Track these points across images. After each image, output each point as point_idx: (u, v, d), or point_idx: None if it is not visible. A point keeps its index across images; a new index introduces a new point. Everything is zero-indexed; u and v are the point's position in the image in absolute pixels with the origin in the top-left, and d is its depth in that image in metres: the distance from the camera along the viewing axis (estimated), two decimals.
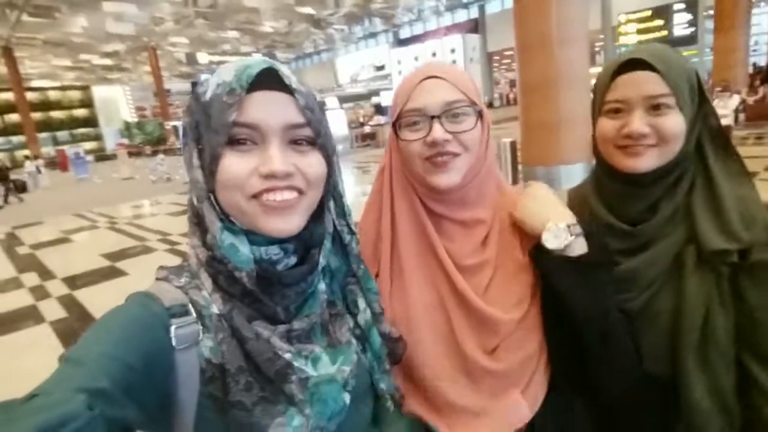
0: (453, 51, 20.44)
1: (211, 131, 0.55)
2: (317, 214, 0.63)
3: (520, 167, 7.73)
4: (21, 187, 16.22)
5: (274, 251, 0.58)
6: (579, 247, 0.73)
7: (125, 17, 21.04)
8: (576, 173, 7.03)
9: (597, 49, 34.75)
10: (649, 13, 25.65)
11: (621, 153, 0.81)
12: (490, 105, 27.51)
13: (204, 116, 0.56)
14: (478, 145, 0.75)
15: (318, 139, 0.60)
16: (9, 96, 29.83)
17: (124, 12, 20.57)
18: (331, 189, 0.65)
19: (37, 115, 32.40)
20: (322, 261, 0.62)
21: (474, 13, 32.17)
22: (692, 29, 24.05)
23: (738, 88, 11.70)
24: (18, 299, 4.99)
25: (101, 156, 33.86)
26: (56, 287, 5.28)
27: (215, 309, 0.56)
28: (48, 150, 31.99)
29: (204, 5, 21.29)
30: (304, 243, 0.62)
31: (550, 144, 6.95)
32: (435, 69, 0.75)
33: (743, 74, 14.08)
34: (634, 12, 26.22)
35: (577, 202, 0.90)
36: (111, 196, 12.74)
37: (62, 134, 38.56)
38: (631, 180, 0.82)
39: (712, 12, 14.61)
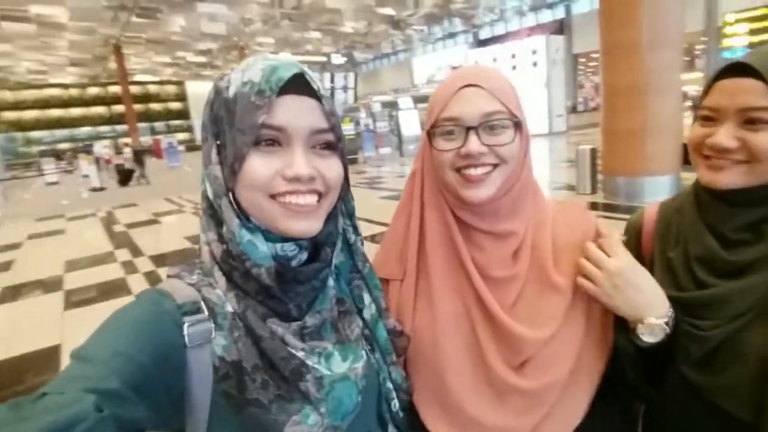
0: (534, 52, 19.67)
1: (236, 130, 0.55)
2: (331, 214, 0.64)
3: (599, 176, 7.32)
4: (126, 173, 17.97)
5: (290, 248, 0.59)
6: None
7: (218, 17, 22.53)
8: (663, 186, 6.53)
9: (698, 52, 31.93)
10: (766, 11, 23.09)
11: (704, 164, 0.76)
12: (573, 109, 26.25)
13: (227, 113, 0.56)
14: (516, 158, 0.72)
15: (339, 144, 0.61)
16: (116, 89, 33.17)
17: (217, 12, 22.03)
18: (343, 191, 0.66)
19: (137, 107, 35.59)
20: (334, 260, 0.64)
21: (560, 13, 30.83)
22: None
23: None
24: (112, 272, 5.54)
25: (192, 146, 36.52)
26: (144, 264, 5.81)
27: (229, 307, 0.56)
28: (146, 139, 35.11)
29: (289, 6, 22.26)
30: (316, 239, 0.63)
31: (634, 153, 6.52)
32: (475, 76, 0.71)
33: None
34: (747, 10, 23.74)
35: (669, 213, 0.85)
36: (198, 184, 13.70)
37: (159, 125, 42.18)
38: (721, 197, 0.75)
39: None
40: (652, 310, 0.68)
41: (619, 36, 6.35)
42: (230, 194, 0.57)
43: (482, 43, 33.03)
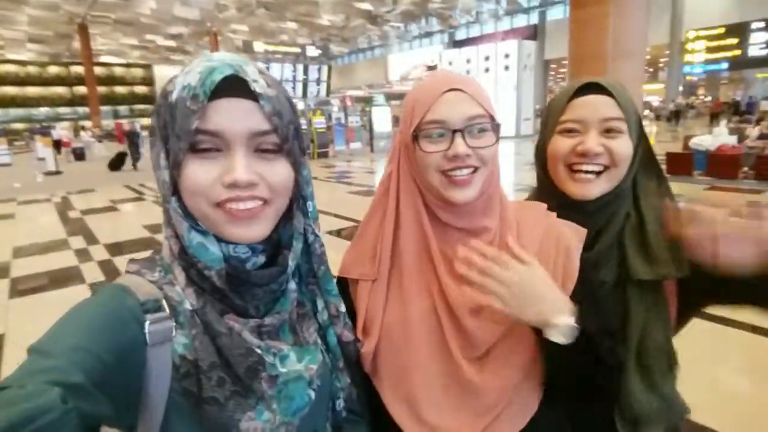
0: (507, 56, 20.01)
1: (175, 136, 0.54)
2: (287, 216, 0.63)
3: None
4: (80, 156, 17.31)
5: (242, 250, 0.58)
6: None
7: (191, 2, 21.92)
8: None
9: (661, 65, 33.20)
10: (723, 30, 24.23)
11: (571, 179, 0.85)
12: (541, 113, 26.78)
13: (170, 118, 0.55)
14: (494, 159, 0.74)
15: (285, 145, 0.58)
16: (79, 69, 31.80)
17: None
18: (299, 192, 0.64)
19: (101, 89, 34.25)
20: (291, 264, 0.62)
21: (534, 19, 31.45)
22: None
23: None
24: (65, 260, 5.34)
25: (131, 132, 35.41)
26: (99, 252, 5.61)
27: (188, 305, 0.56)
28: (108, 123, 33.82)
29: None
30: (274, 243, 0.62)
31: None
32: (457, 81, 0.73)
33: None
34: (706, 28, 24.84)
35: None
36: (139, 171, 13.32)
37: (123, 109, 40.65)
38: (578, 207, 0.85)
39: None
40: (555, 310, 0.68)
41: (587, 45, 6.54)
42: (175, 200, 0.56)
43: (457, 44, 33.34)
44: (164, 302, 0.55)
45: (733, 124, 12.02)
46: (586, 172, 0.83)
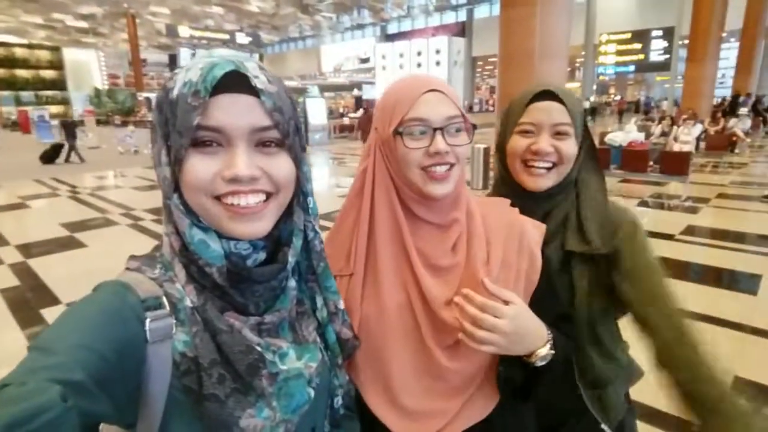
0: (438, 52, 20.49)
1: (176, 132, 0.54)
2: (287, 212, 0.63)
3: (491, 173, 7.89)
4: (53, 149, 15.41)
5: (243, 246, 0.58)
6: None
7: None
8: None
9: (577, 65, 35.62)
10: (629, 35, 26.46)
11: (526, 173, 0.99)
12: (470, 109, 27.82)
13: (171, 115, 0.55)
14: (465, 157, 0.80)
15: (286, 141, 0.59)
16: None
17: None
18: (299, 188, 0.65)
19: None
20: (291, 260, 0.62)
21: (462, 16, 32.40)
22: (667, 56, 24.95)
23: (702, 118, 12.25)
24: None
25: (67, 122, 32.46)
26: (10, 254, 5.09)
27: (189, 302, 0.56)
28: (9, 110, 30.43)
29: None
30: (274, 239, 0.63)
31: None
32: (434, 83, 0.78)
33: (708, 105, 14.75)
34: (616, 33, 26.99)
35: None
36: (74, 165, 12.27)
37: (26, 95, 36.67)
38: (531, 196, 1.00)
39: (686, 41, 15.19)
40: (539, 342, 0.76)
41: (516, 44, 6.87)
42: (176, 196, 0.56)
43: (389, 37, 33.58)
44: (165, 299, 0.55)
45: (641, 121, 13.21)
46: (539, 167, 0.97)
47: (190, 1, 24.83)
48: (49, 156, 12.94)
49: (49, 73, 38.06)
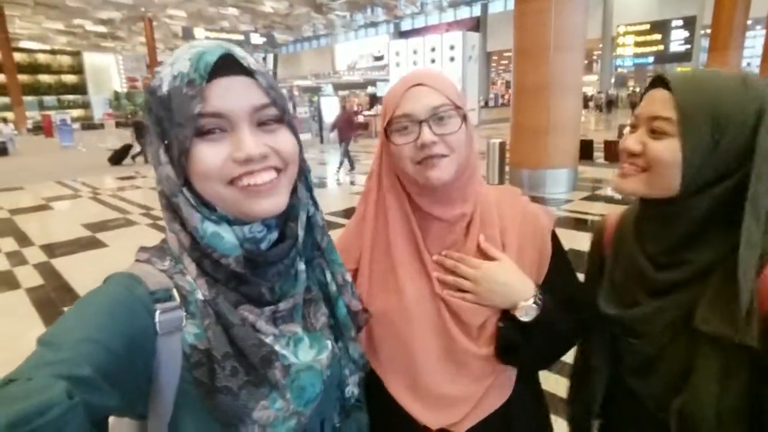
0: (452, 48, 20.33)
1: (176, 125, 0.54)
2: (293, 187, 0.64)
3: (507, 168, 7.82)
4: (1, 151, 15.92)
5: (257, 229, 0.59)
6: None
7: None
8: (562, 178, 7.14)
9: (595, 58, 35.01)
10: (648, 26, 25.89)
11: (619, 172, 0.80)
12: (485, 104, 27.59)
13: (165, 111, 0.54)
14: (464, 146, 0.80)
15: (284, 116, 0.60)
16: None
17: None
18: (300, 164, 0.65)
19: (23, 78, 31.59)
20: (300, 233, 0.63)
21: (477, 11, 32.10)
22: (688, 46, 24.34)
23: None
24: None
25: (88, 125, 33.22)
26: (34, 254, 5.24)
27: (200, 295, 0.56)
28: (33, 114, 31.27)
29: None
30: (285, 216, 0.63)
31: (538, 148, 7.04)
32: (420, 77, 0.79)
33: None
34: (633, 24, 26.45)
35: (624, 225, 0.88)
36: (96, 166, 12.57)
37: (49, 99, 37.63)
38: (649, 217, 0.79)
39: (708, 31, 14.79)
40: (522, 296, 0.80)
41: (530, 37, 6.80)
42: (185, 190, 0.56)
43: (403, 34, 33.47)
44: (175, 292, 0.55)
45: None
46: (626, 167, 0.78)
47: (206, 4, 25.11)
48: (119, 157, 13.16)
49: (70, 78, 39.12)
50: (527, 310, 0.80)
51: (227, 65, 0.55)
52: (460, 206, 0.83)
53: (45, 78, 37.78)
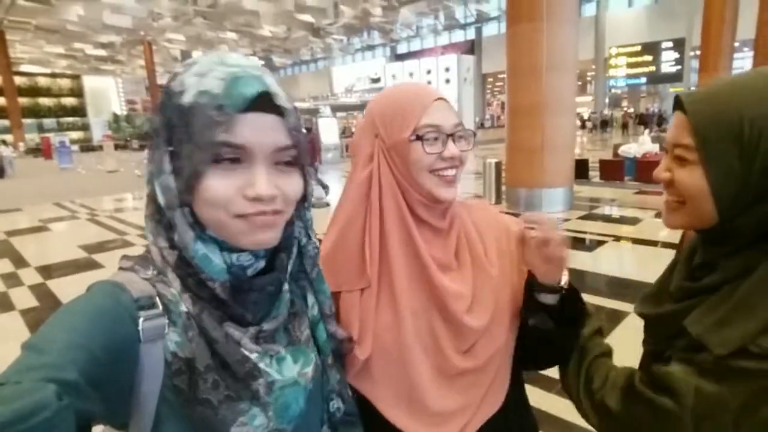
0: (447, 70, 20.73)
1: (193, 145, 0.52)
2: (288, 221, 0.63)
3: (503, 187, 7.87)
4: None
5: (245, 258, 0.58)
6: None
7: (123, 9, 20.95)
8: (558, 197, 7.19)
9: (589, 79, 35.61)
10: (639, 48, 26.43)
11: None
12: (481, 125, 27.88)
13: (182, 122, 0.53)
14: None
15: (300, 159, 0.59)
16: None
17: (123, 4, 20.51)
18: (304, 200, 0.64)
19: (23, 101, 31.86)
20: (289, 267, 0.63)
21: (471, 34, 32.77)
22: (678, 67, 24.81)
23: None
24: None
25: (87, 146, 33.34)
26: (29, 275, 5.21)
27: (184, 307, 0.55)
28: (32, 137, 31.43)
29: (204, 4, 21.34)
30: (275, 247, 0.62)
31: (533, 167, 7.09)
32: (438, 92, 0.83)
33: None
34: (625, 46, 27.01)
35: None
36: (94, 188, 12.57)
37: (49, 122, 37.90)
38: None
39: (698, 52, 15.11)
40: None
41: (523, 59, 6.93)
42: (185, 207, 0.54)
43: (399, 57, 34.04)
44: (158, 299, 0.55)
45: (655, 133, 13.10)
46: (668, 200, 0.74)
47: (205, 28, 25.56)
48: None
49: (70, 101, 39.47)
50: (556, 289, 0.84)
51: (261, 100, 0.53)
52: (449, 215, 0.86)
53: (45, 101, 38.15)
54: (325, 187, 0.75)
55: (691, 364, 0.67)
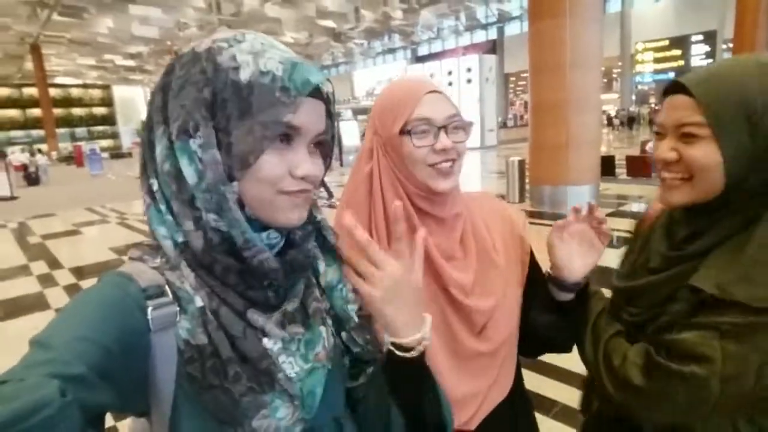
0: (469, 70, 20.56)
1: (256, 122, 0.53)
2: None
3: (527, 186, 7.76)
4: (34, 180, 16.61)
5: (273, 235, 0.59)
6: None
7: (151, 21, 21.58)
8: (584, 194, 7.03)
9: (614, 75, 34.87)
10: (667, 42, 25.75)
11: (662, 184, 0.80)
12: (504, 125, 27.60)
13: (237, 98, 0.53)
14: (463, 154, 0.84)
15: (329, 144, 0.64)
16: (33, 91, 30.66)
17: (150, 16, 21.11)
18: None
19: (57, 111, 33.12)
20: (310, 243, 0.65)
21: (493, 34, 32.52)
22: (709, 60, 24.03)
23: None
24: (27, 286, 5.11)
25: (117, 153, 34.41)
26: (64, 276, 5.40)
27: (200, 302, 0.54)
28: (65, 145, 32.66)
29: (227, 13, 21.79)
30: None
31: (558, 165, 6.97)
32: (433, 85, 0.83)
33: None
34: (652, 41, 26.34)
35: (663, 213, 0.90)
36: (123, 193, 12.93)
37: (80, 131, 39.34)
38: (673, 217, 0.83)
39: (730, 45, 14.61)
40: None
41: (545, 56, 6.83)
42: (235, 183, 0.55)
43: (420, 59, 34.01)
44: (167, 288, 0.55)
45: None
46: (669, 178, 0.78)
47: None
48: None
49: (100, 110, 40.90)
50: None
51: (316, 88, 0.57)
52: (453, 206, 0.86)
53: (77, 111, 39.61)
54: (329, 192, 0.74)
55: (707, 329, 0.70)
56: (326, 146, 0.64)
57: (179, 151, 0.54)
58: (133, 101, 42.72)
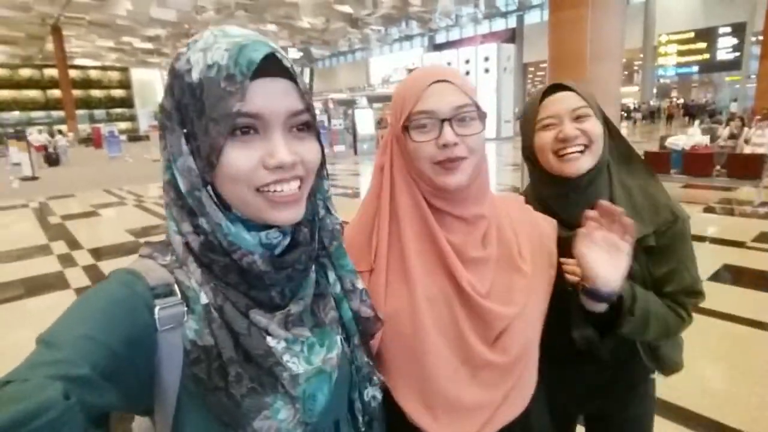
0: (487, 59, 20.26)
1: (208, 119, 0.50)
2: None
3: None
4: (54, 161, 16.90)
5: (274, 235, 0.57)
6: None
7: (169, 3, 21.61)
8: None
9: (636, 68, 34.06)
10: (692, 34, 25.02)
11: (561, 162, 0.97)
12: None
13: (193, 100, 0.51)
14: (482, 148, 0.78)
15: (315, 124, 0.58)
16: (53, 72, 31.05)
17: None
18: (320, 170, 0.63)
19: (77, 93, 33.52)
20: (315, 241, 0.62)
21: (512, 22, 31.93)
22: (737, 54, 23.32)
23: None
24: (47, 265, 5.24)
25: (134, 136, 34.78)
26: (83, 257, 5.52)
27: (205, 299, 0.54)
28: (84, 127, 33.10)
29: None
30: (299, 222, 0.61)
31: None
32: (442, 73, 0.76)
33: None
34: (677, 33, 25.62)
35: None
36: (141, 175, 13.11)
37: (99, 113, 39.81)
38: (570, 184, 0.99)
39: (760, 38, 14.16)
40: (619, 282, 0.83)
41: (566, 47, 6.70)
42: (209, 187, 0.53)
43: (438, 47, 33.61)
44: (176, 287, 0.54)
45: (706, 124, 12.42)
46: (572, 152, 0.96)
47: (246, 20, 26.04)
48: None
49: (118, 92, 41.28)
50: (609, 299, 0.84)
51: (270, 64, 0.52)
52: (476, 207, 0.80)
53: (96, 93, 40.04)
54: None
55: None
56: (312, 127, 0.58)
57: (169, 159, 0.55)
58: (151, 84, 43.03)
